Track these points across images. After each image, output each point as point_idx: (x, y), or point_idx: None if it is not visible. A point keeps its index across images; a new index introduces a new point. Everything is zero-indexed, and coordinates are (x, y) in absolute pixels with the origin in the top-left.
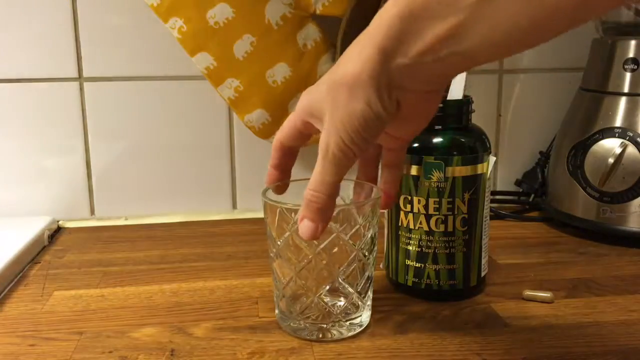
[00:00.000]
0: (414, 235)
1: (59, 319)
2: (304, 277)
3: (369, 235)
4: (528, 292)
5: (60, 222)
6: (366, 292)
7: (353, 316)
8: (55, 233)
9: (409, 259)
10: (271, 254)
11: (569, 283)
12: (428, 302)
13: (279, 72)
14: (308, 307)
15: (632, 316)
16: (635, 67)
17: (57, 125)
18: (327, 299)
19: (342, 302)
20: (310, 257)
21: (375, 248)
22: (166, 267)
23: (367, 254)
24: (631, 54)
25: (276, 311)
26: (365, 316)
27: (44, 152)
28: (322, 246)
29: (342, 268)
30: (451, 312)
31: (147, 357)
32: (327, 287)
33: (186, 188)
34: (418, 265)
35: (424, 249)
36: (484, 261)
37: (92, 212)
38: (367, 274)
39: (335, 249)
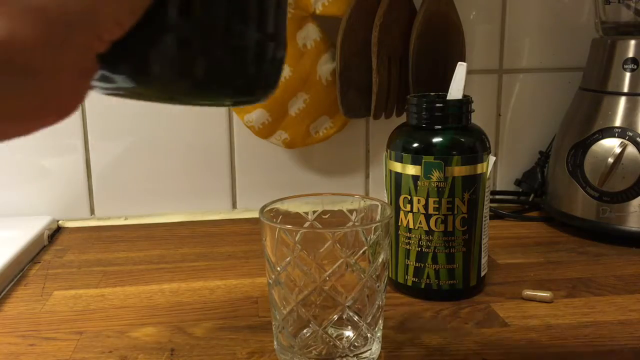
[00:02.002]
0: (413, 235)
1: (58, 318)
2: (307, 307)
3: (380, 260)
4: (528, 292)
5: (60, 222)
6: (376, 323)
7: (362, 350)
8: (55, 233)
9: (408, 259)
10: (269, 280)
11: (568, 283)
12: (428, 302)
13: None
14: (311, 341)
15: (631, 316)
16: (635, 67)
17: (57, 125)
18: (332, 331)
19: (349, 334)
20: (314, 284)
21: (386, 273)
22: (166, 267)
23: (377, 280)
24: (631, 54)
25: (275, 344)
26: (375, 348)
27: (44, 152)
28: (328, 273)
29: (350, 297)
30: (451, 312)
31: (147, 357)
32: (334, 319)
33: (186, 188)
34: (418, 264)
35: (423, 248)
36: (483, 261)
37: (92, 212)
38: (377, 303)
39: (342, 276)
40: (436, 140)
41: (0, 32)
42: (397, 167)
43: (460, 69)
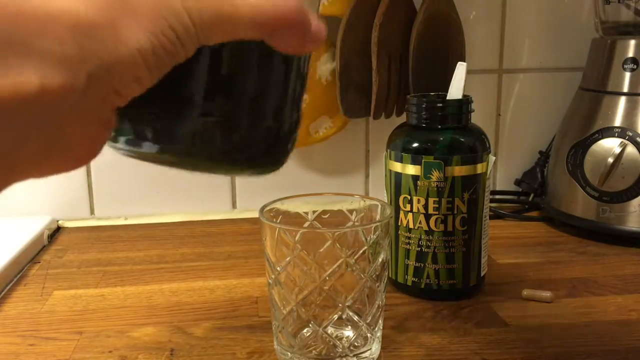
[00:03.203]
0: (413, 235)
1: (58, 318)
2: (307, 307)
3: (380, 260)
4: (527, 292)
5: (60, 222)
6: (376, 323)
7: (362, 350)
8: (55, 233)
9: (408, 259)
10: (269, 280)
11: (568, 283)
12: (428, 302)
13: None
14: (311, 341)
15: (632, 316)
16: (635, 66)
17: None
18: (332, 331)
19: (349, 334)
20: (314, 284)
21: (386, 273)
22: (166, 267)
23: (377, 280)
24: (631, 54)
25: (275, 344)
26: (374, 348)
27: None
28: (328, 273)
29: (350, 297)
30: (451, 312)
31: (146, 356)
32: (334, 319)
33: (186, 188)
34: (418, 264)
35: (423, 248)
36: (483, 261)
37: (92, 211)
38: (377, 303)
39: (342, 276)
40: (436, 140)
41: (34, 80)
42: (397, 167)
43: (460, 68)
